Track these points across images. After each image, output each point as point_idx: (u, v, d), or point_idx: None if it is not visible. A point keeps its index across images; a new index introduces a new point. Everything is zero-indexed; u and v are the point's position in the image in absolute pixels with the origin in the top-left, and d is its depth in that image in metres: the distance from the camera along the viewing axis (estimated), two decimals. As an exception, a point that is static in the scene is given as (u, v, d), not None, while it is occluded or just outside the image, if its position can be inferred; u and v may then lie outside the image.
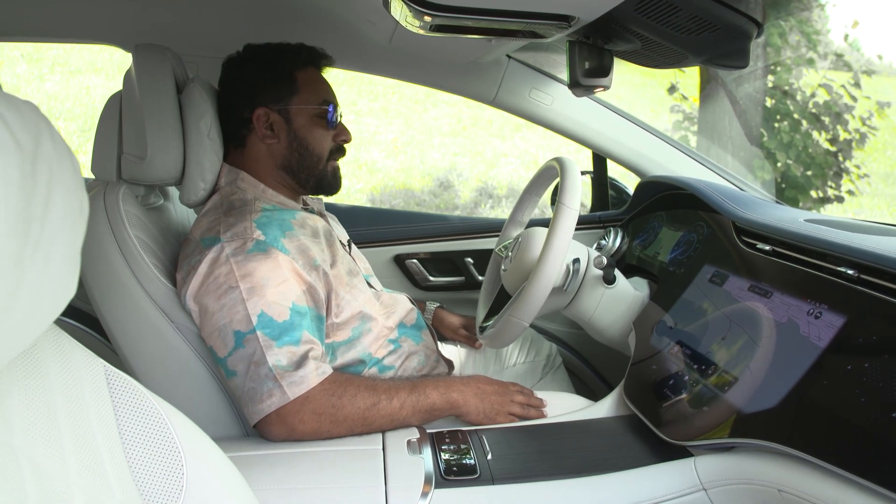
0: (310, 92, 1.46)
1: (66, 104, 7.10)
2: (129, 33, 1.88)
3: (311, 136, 1.46)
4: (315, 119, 1.46)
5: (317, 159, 1.48)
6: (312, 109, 1.46)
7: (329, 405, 1.22)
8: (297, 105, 1.45)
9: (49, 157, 0.53)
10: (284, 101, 1.45)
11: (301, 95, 1.45)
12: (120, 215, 1.30)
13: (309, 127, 1.46)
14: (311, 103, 1.45)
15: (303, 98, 1.45)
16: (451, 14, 1.12)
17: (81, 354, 0.67)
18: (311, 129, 1.46)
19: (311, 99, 1.46)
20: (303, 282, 1.30)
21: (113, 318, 1.31)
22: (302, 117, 1.45)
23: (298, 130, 1.45)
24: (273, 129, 1.45)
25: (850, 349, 0.98)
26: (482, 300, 1.77)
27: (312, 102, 1.46)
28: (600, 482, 1.11)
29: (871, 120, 5.12)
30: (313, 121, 1.46)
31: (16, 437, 0.56)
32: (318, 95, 1.47)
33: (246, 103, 1.44)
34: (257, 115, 1.44)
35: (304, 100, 1.45)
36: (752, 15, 1.17)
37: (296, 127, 1.45)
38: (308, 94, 1.46)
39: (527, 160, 7.79)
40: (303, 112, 1.45)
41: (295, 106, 1.45)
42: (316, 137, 1.47)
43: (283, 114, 1.45)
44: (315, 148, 1.47)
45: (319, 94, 1.47)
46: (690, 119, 5.62)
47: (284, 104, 1.45)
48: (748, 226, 1.40)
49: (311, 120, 1.46)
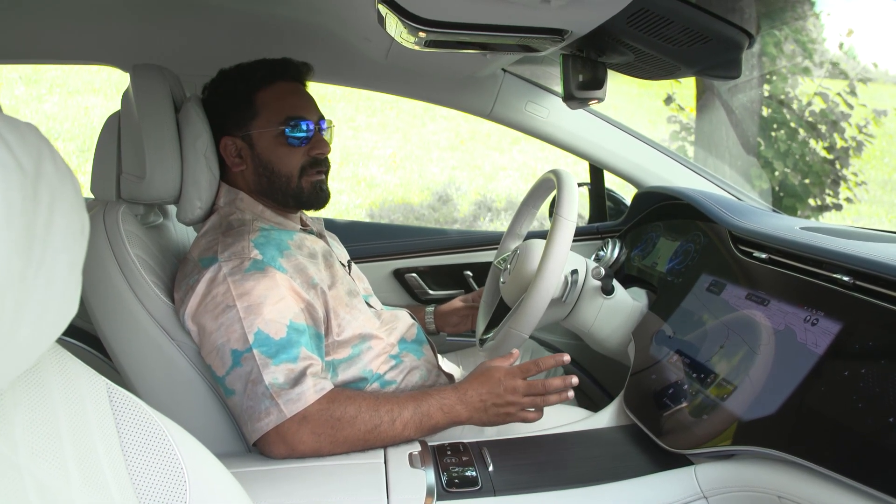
0: (271, 111, 1.42)
1: (64, 125, 7.13)
2: (126, 54, 1.89)
3: (274, 157, 1.43)
4: (277, 139, 1.42)
5: (286, 179, 1.44)
6: (273, 130, 1.41)
7: (328, 425, 1.21)
8: (257, 129, 1.42)
9: (50, 179, 0.54)
10: (245, 127, 1.43)
11: (261, 118, 1.42)
12: (120, 234, 1.31)
13: (271, 148, 1.42)
14: (270, 124, 1.41)
15: (262, 120, 1.42)
16: (445, 30, 1.13)
17: (84, 372, 0.67)
18: (274, 150, 1.42)
19: (271, 119, 1.42)
20: (301, 300, 1.30)
21: (114, 336, 1.32)
22: (264, 140, 1.42)
23: (261, 154, 1.43)
24: (241, 155, 1.44)
25: (846, 355, 0.99)
26: (482, 313, 1.77)
27: (273, 123, 1.41)
28: (601, 492, 1.11)
29: (867, 128, 5.13)
30: (276, 141, 1.42)
31: (20, 454, 0.56)
32: (280, 114, 1.42)
33: (216, 132, 1.44)
34: (224, 144, 1.44)
35: (264, 122, 1.42)
36: (744, 26, 1.18)
37: (258, 151, 1.43)
38: (269, 115, 1.42)
39: (525, 173, 7.80)
40: (264, 135, 1.42)
41: (256, 130, 1.42)
42: (279, 157, 1.43)
43: (247, 139, 1.43)
44: (281, 169, 1.43)
45: (282, 112, 1.42)
46: (687, 129, 5.63)
47: (246, 129, 1.43)
48: (745, 234, 1.41)
49: (274, 140, 1.42)
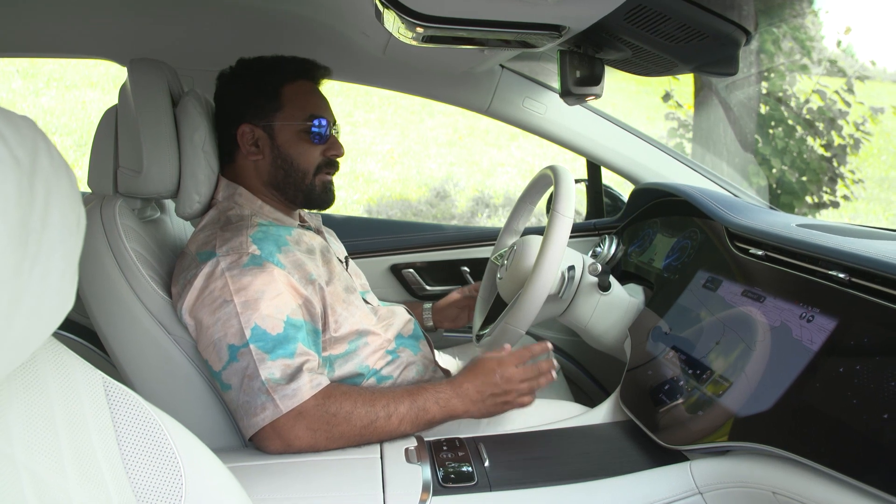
0: (295, 107, 1.45)
1: (61, 119, 7.11)
2: (124, 48, 1.89)
3: (295, 151, 1.45)
4: (300, 134, 1.44)
5: (302, 175, 1.46)
6: (297, 125, 1.44)
7: (324, 421, 1.21)
8: (280, 121, 1.44)
9: (46, 172, 0.54)
10: (268, 118, 1.44)
11: (285, 111, 1.44)
12: (117, 229, 1.31)
13: (293, 143, 1.45)
14: (295, 119, 1.44)
15: (287, 114, 1.44)
16: (442, 25, 1.13)
17: (80, 367, 0.67)
18: (296, 145, 1.45)
19: (295, 114, 1.44)
20: (299, 295, 1.30)
21: (110, 330, 1.32)
22: (286, 133, 1.44)
23: (282, 146, 1.45)
24: (258, 145, 1.45)
25: (841, 352, 0.99)
26: (478, 308, 1.77)
27: (297, 118, 1.44)
28: (597, 487, 1.12)
29: (865, 125, 5.14)
30: (298, 136, 1.45)
31: (16, 448, 0.56)
32: (304, 111, 1.45)
33: (233, 119, 1.45)
34: (241, 131, 1.44)
35: (289, 115, 1.44)
36: (741, 23, 1.18)
37: (279, 143, 1.44)
38: (293, 110, 1.44)
39: (523, 169, 7.80)
40: (287, 128, 1.44)
41: (279, 122, 1.44)
42: (300, 153, 1.45)
43: (267, 130, 1.44)
44: (300, 163, 1.45)
45: (306, 108, 1.45)
46: (685, 126, 5.64)
47: (268, 120, 1.44)
48: (741, 231, 1.41)
49: (296, 135, 1.44)
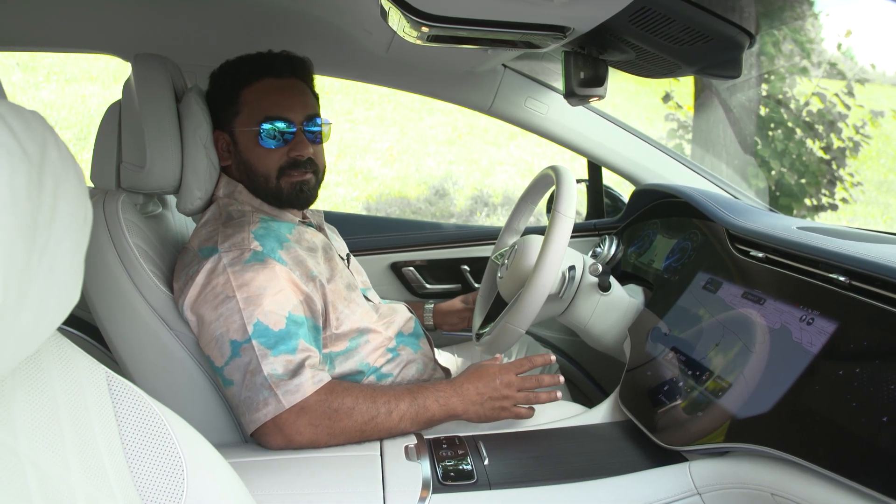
0: (251, 110, 1.41)
1: (61, 113, 7.10)
2: (127, 43, 1.88)
3: (252, 156, 1.42)
4: (255, 139, 1.40)
5: (264, 179, 1.42)
6: (252, 130, 1.40)
7: (325, 417, 1.21)
8: (239, 126, 1.42)
9: (55, 166, 0.54)
10: (230, 123, 1.43)
11: (242, 116, 1.41)
12: (119, 224, 1.31)
13: (250, 148, 1.41)
14: (250, 124, 1.40)
15: (243, 118, 1.41)
16: (448, 25, 1.13)
17: (84, 361, 0.67)
18: (252, 150, 1.41)
19: (251, 118, 1.40)
20: (300, 292, 1.30)
21: (112, 326, 1.32)
22: (244, 139, 1.42)
23: (242, 152, 1.43)
24: (229, 150, 1.44)
25: (841, 355, 0.99)
26: (479, 307, 1.78)
27: (252, 122, 1.40)
28: (596, 487, 1.12)
29: (864, 128, 5.16)
30: (254, 141, 1.40)
31: (20, 441, 0.56)
32: (258, 113, 1.40)
33: (214, 124, 1.44)
34: (215, 137, 1.44)
35: (245, 120, 1.41)
36: (745, 26, 1.18)
37: (241, 149, 1.43)
38: (248, 113, 1.41)
39: (522, 168, 7.80)
40: (244, 133, 1.41)
41: (238, 128, 1.42)
42: (257, 157, 1.41)
43: (232, 136, 1.43)
44: (258, 168, 1.42)
45: (260, 111, 1.40)
46: (685, 127, 5.65)
47: (230, 126, 1.43)
48: (741, 233, 1.41)
49: (252, 141, 1.41)
